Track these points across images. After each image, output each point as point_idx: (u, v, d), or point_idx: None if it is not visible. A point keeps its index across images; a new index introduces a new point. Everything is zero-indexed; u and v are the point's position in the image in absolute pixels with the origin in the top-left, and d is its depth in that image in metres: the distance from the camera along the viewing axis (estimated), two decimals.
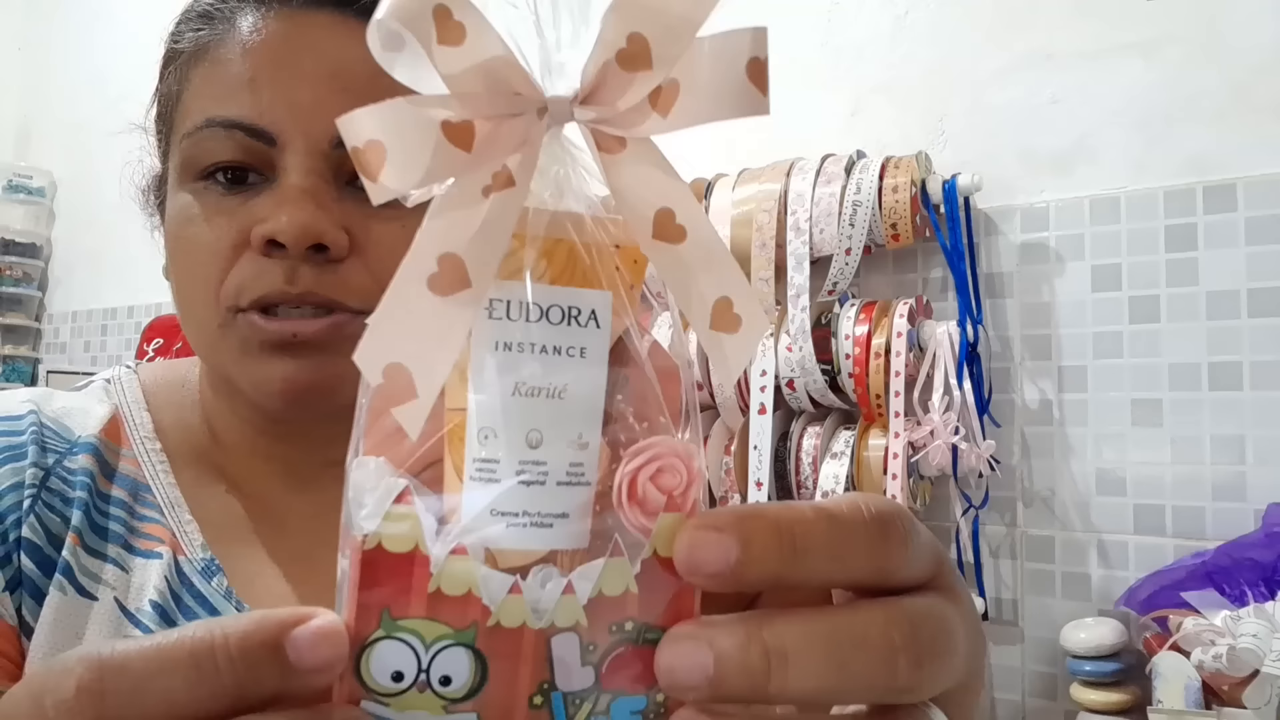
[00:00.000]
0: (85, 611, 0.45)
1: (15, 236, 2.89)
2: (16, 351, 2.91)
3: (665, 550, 0.22)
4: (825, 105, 1.51)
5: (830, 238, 1.28)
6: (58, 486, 0.47)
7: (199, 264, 0.47)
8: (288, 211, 0.44)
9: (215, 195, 0.47)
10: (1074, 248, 1.29)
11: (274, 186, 0.46)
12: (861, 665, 0.21)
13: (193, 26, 0.50)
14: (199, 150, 0.47)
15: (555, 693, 0.21)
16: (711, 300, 0.23)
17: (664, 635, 0.21)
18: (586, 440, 0.22)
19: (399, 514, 0.20)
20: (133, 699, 0.19)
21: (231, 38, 0.47)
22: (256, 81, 0.46)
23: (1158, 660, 1.03)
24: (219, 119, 0.46)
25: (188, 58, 0.49)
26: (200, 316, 0.47)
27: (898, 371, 1.21)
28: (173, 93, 0.50)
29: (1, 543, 0.45)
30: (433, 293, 0.20)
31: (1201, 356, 1.20)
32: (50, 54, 3.03)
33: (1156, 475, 1.22)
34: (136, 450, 0.51)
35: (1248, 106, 1.19)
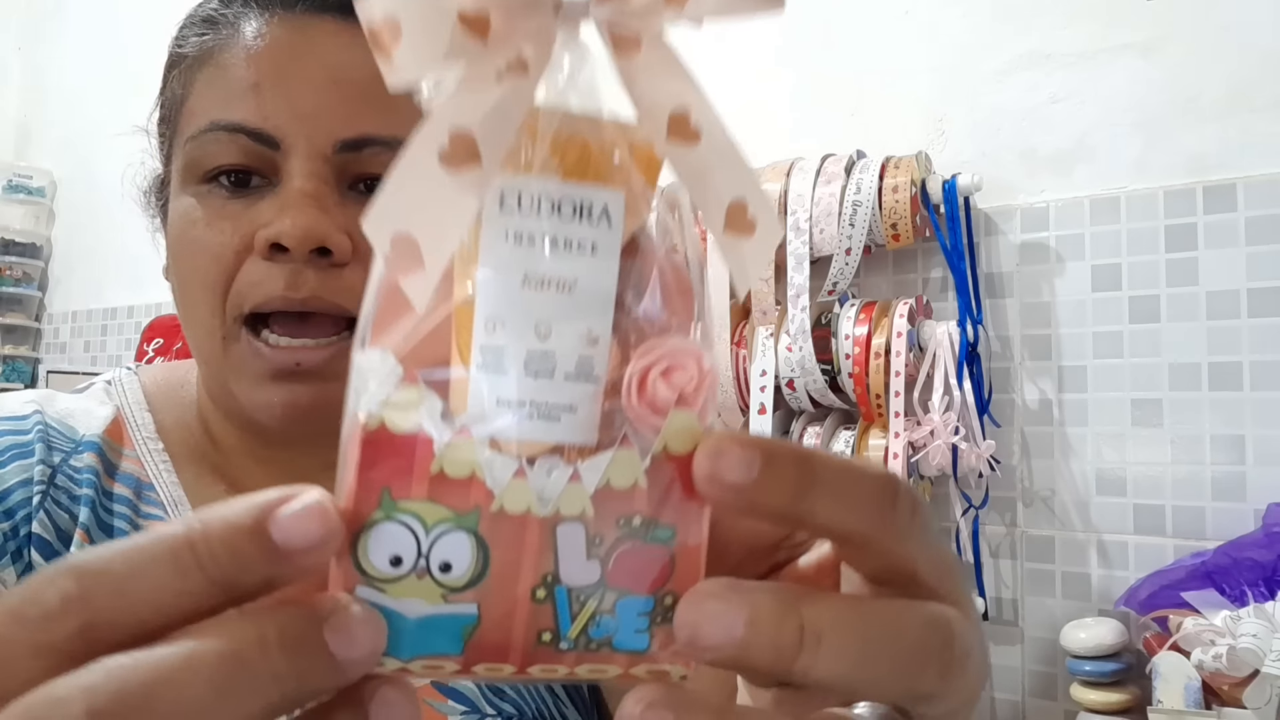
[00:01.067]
0: None
1: (15, 236, 2.89)
2: (16, 351, 2.91)
3: (676, 448, 0.21)
4: (825, 105, 1.51)
5: (830, 238, 1.28)
6: (64, 484, 0.48)
7: (202, 267, 0.47)
8: (291, 215, 0.45)
9: (219, 199, 0.47)
10: (1074, 248, 1.29)
11: (277, 190, 0.46)
12: (890, 662, 0.21)
13: (196, 31, 0.50)
14: (202, 153, 0.47)
15: (559, 586, 0.21)
16: (727, 202, 0.23)
17: (689, 591, 0.21)
18: (596, 335, 0.21)
19: (403, 395, 0.20)
20: (117, 601, 0.18)
21: (235, 43, 0.48)
22: (260, 86, 0.46)
23: (1158, 660, 1.03)
24: (223, 123, 0.46)
25: (191, 62, 0.50)
26: (203, 322, 0.48)
27: (898, 371, 1.21)
28: (176, 97, 0.51)
29: (13, 538, 0.46)
30: (443, 167, 0.20)
31: (1201, 356, 1.20)
32: (50, 54, 3.03)
33: (1156, 475, 1.22)
34: (139, 450, 0.52)
35: (1248, 106, 1.19)
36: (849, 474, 0.22)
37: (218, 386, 0.50)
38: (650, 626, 0.21)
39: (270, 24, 0.48)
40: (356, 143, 0.47)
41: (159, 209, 0.54)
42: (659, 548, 0.21)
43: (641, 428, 0.21)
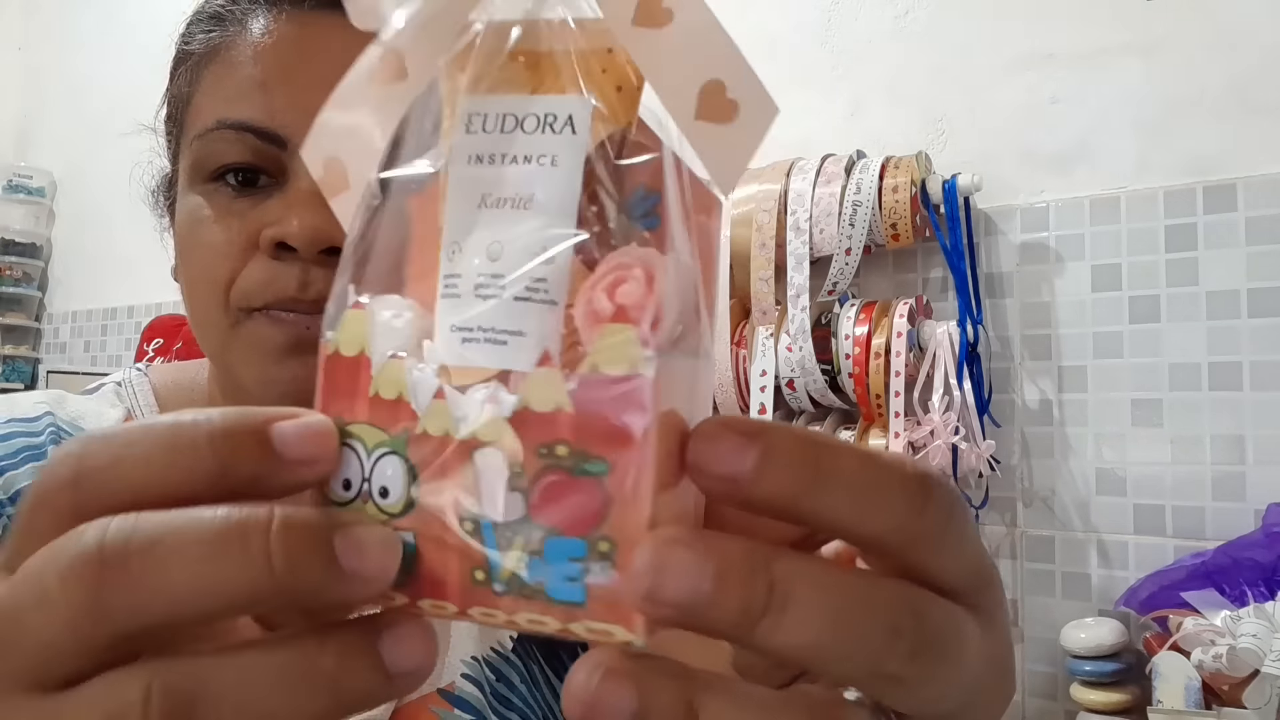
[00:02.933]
0: None
1: (15, 236, 2.89)
2: (16, 351, 2.91)
3: (609, 368, 0.19)
4: (825, 105, 1.51)
5: (830, 238, 1.28)
6: None
7: (209, 265, 0.47)
8: (298, 214, 0.44)
9: (226, 197, 0.47)
10: (1074, 248, 1.29)
11: (284, 189, 0.46)
12: (858, 635, 0.19)
13: (203, 28, 0.50)
14: (209, 152, 0.47)
15: (484, 520, 0.19)
16: (698, 85, 0.20)
17: (651, 534, 0.18)
18: (552, 255, 0.20)
19: (352, 318, 0.20)
20: (111, 467, 0.19)
21: (243, 40, 0.48)
22: (268, 84, 0.46)
23: (1158, 660, 1.03)
24: (230, 121, 0.46)
25: (198, 59, 0.49)
26: (210, 318, 0.48)
27: (898, 371, 1.21)
28: (183, 94, 0.50)
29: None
30: (373, 86, 0.20)
31: (1201, 356, 1.20)
32: (50, 54, 3.03)
33: (1156, 475, 1.22)
34: None
35: (1248, 106, 1.19)
36: (870, 468, 0.19)
37: (229, 381, 0.51)
38: (583, 576, 0.19)
39: (278, 21, 0.47)
40: None
41: (166, 208, 0.54)
42: (590, 482, 0.19)
43: (587, 347, 0.19)
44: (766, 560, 0.18)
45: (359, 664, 0.19)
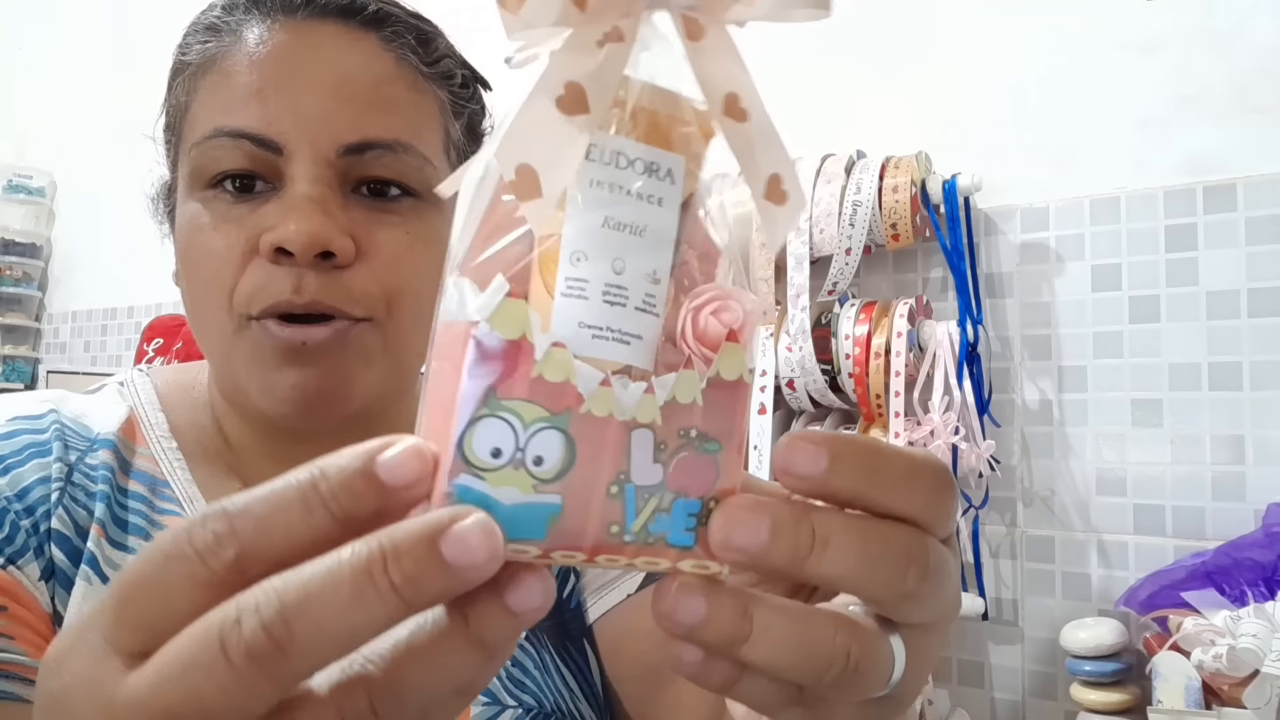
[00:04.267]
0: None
1: (15, 236, 2.89)
2: (16, 351, 2.91)
3: (726, 374, 0.26)
4: (825, 105, 1.51)
5: (830, 237, 1.28)
6: (81, 481, 0.49)
7: (210, 271, 0.48)
8: (295, 220, 0.46)
9: (224, 203, 0.48)
10: (1074, 247, 1.29)
11: (281, 194, 0.47)
12: (883, 565, 0.25)
13: (200, 39, 0.50)
14: (207, 159, 0.48)
15: (629, 484, 0.24)
16: (767, 175, 0.27)
17: (720, 505, 0.25)
18: (659, 276, 0.25)
19: (510, 305, 0.24)
20: (262, 537, 0.22)
21: (238, 49, 0.49)
22: (264, 92, 0.47)
23: (1158, 660, 1.03)
24: (227, 129, 0.47)
25: (195, 69, 0.50)
26: (212, 323, 0.49)
27: (898, 371, 1.21)
28: (181, 104, 0.51)
29: (34, 534, 0.46)
30: (559, 111, 0.24)
31: (1201, 356, 1.20)
32: (50, 54, 3.03)
33: (1156, 475, 1.22)
34: (153, 449, 0.53)
35: (1248, 106, 1.19)
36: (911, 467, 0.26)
37: (230, 384, 0.52)
38: (696, 526, 0.25)
39: (273, 30, 0.49)
40: (359, 146, 0.48)
41: (166, 215, 0.55)
42: (708, 458, 0.25)
43: (696, 356, 0.26)
44: (807, 514, 0.25)
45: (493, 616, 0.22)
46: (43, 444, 0.49)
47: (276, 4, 0.49)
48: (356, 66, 0.49)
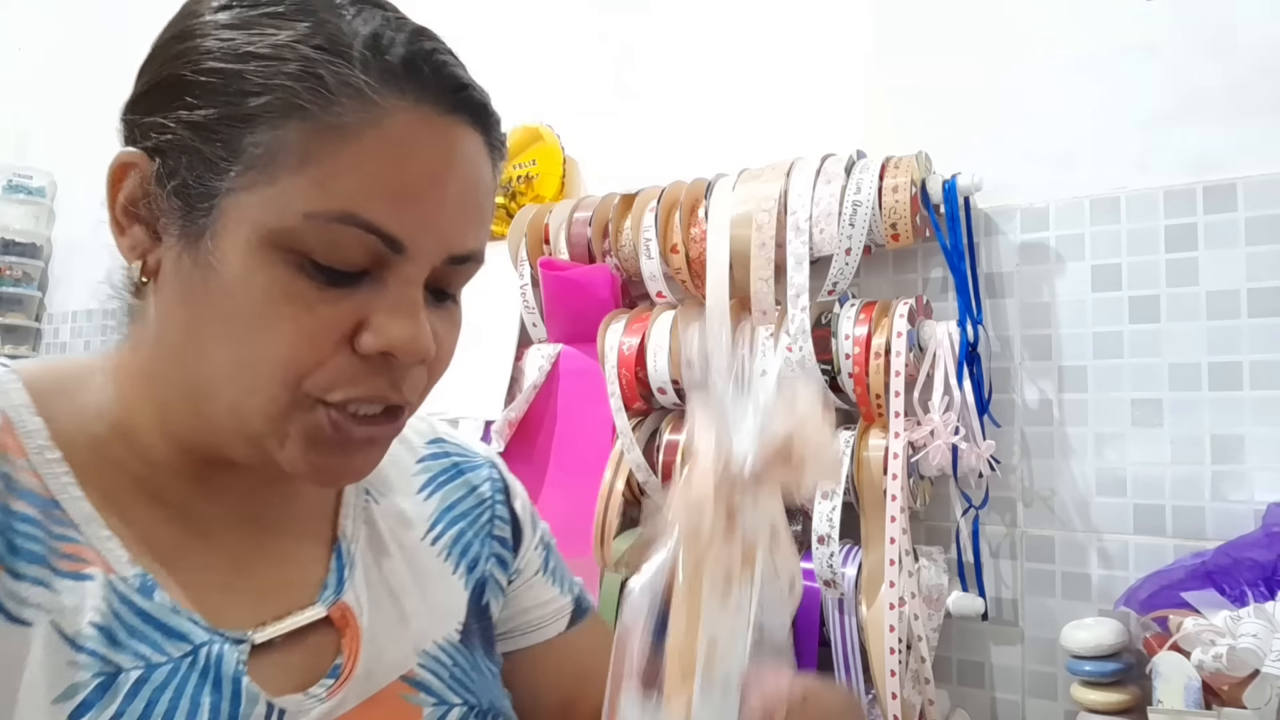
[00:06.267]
0: (22, 638, 0.41)
1: (15, 236, 2.89)
2: (16, 351, 2.91)
3: None
4: (825, 105, 1.51)
5: (830, 237, 1.28)
6: None
7: (285, 347, 0.44)
8: (408, 329, 0.45)
9: (315, 283, 0.44)
10: (1074, 247, 1.29)
11: (381, 287, 0.45)
12: None
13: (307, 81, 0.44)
14: (322, 239, 0.43)
15: None
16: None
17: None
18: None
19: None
20: None
21: (383, 130, 0.44)
22: (410, 195, 0.44)
23: (1158, 660, 1.03)
24: (362, 220, 0.43)
25: (319, 121, 0.44)
26: (265, 391, 0.45)
27: (898, 371, 1.21)
28: (275, 142, 0.44)
29: None
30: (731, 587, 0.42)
31: (1201, 356, 1.20)
32: (50, 54, 3.03)
33: (1156, 475, 1.22)
34: (33, 461, 0.45)
35: (1248, 106, 1.19)
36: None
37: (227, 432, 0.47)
38: None
39: (418, 122, 0.45)
40: (462, 258, 0.48)
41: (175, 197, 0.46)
42: None
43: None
44: None
45: None
46: None
47: (430, 93, 0.45)
48: (478, 176, 0.48)
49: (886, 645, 1.17)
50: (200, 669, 0.45)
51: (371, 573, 0.56)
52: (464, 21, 1.99)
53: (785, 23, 1.56)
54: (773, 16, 1.57)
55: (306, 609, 0.51)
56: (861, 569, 1.23)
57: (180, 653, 0.45)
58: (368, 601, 0.54)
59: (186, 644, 0.45)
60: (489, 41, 1.94)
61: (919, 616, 1.22)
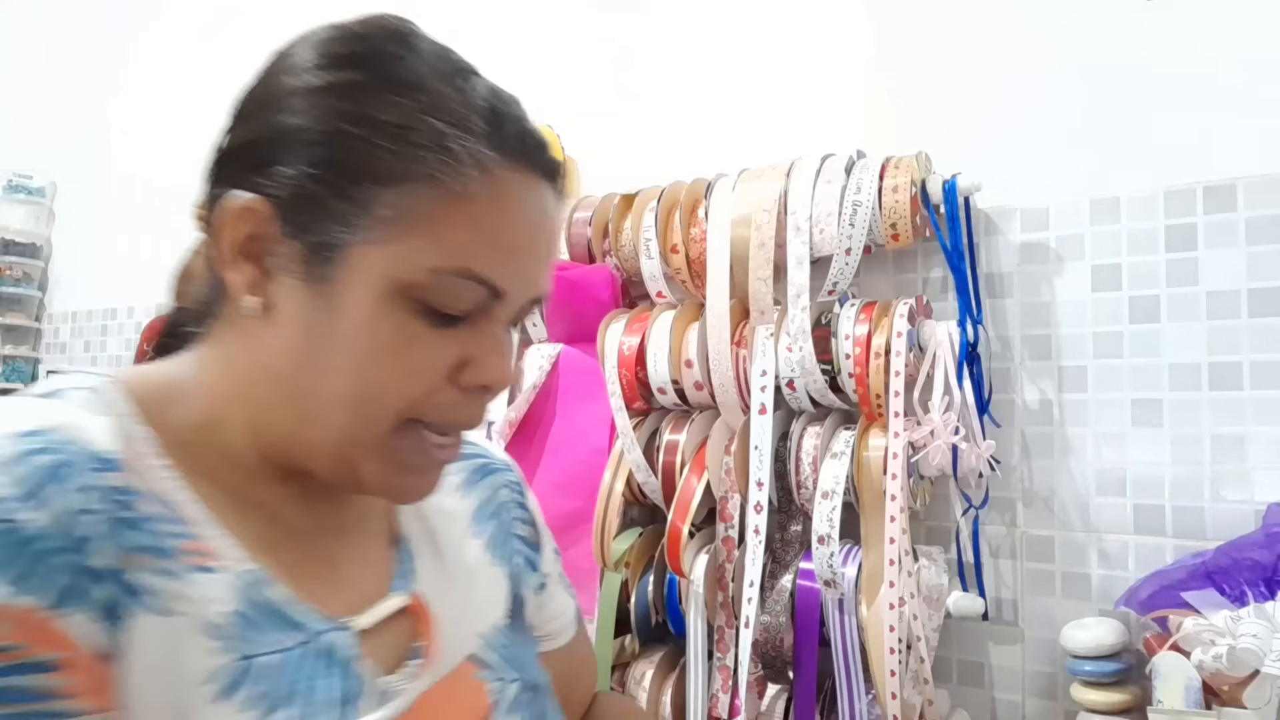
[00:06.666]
0: (166, 629, 0.45)
1: (15, 236, 2.89)
2: (16, 351, 2.91)
3: None
4: (825, 105, 1.51)
5: (830, 237, 1.28)
6: (108, 506, 0.45)
7: (402, 381, 0.50)
8: (504, 367, 0.53)
9: (428, 324, 0.50)
10: (1074, 248, 1.29)
11: (479, 327, 0.52)
12: None
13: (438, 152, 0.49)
14: (444, 290, 0.49)
15: None
16: None
17: None
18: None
19: None
20: None
21: (488, 192, 0.50)
22: (513, 251, 0.51)
23: (1158, 660, 1.03)
24: (474, 274, 0.49)
25: (433, 185, 0.49)
26: (373, 421, 0.51)
27: (898, 371, 1.21)
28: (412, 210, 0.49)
29: (81, 570, 0.43)
30: None
31: (1201, 356, 1.20)
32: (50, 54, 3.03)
33: (1156, 475, 1.22)
34: (144, 465, 0.49)
35: (1248, 106, 1.19)
36: None
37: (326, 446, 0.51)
38: None
39: (520, 185, 0.51)
40: (538, 299, 0.55)
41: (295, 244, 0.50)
42: None
43: None
44: None
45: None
46: (61, 466, 0.43)
47: (528, 158, 0.52)
48: (556, 226, 0.55)
49: (886, 645, 1.17)
50: (317, 654, 0.50)
51: (432, 566, 0.62)
52: (464, 22, 1.99)
53: (785, 23, 1.57)
54: (772, 17, 1.58)
55: (388, 599, 0.57)
56: (861, 569, 1.23)
57: (299, 640, 0.50)
58: (433, 591, 0.60)
59: (303, 632, 0.50)
60: (489, 41, 1.94)
61: (919, 616, 1.22)
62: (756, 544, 1.25)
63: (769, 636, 1.29)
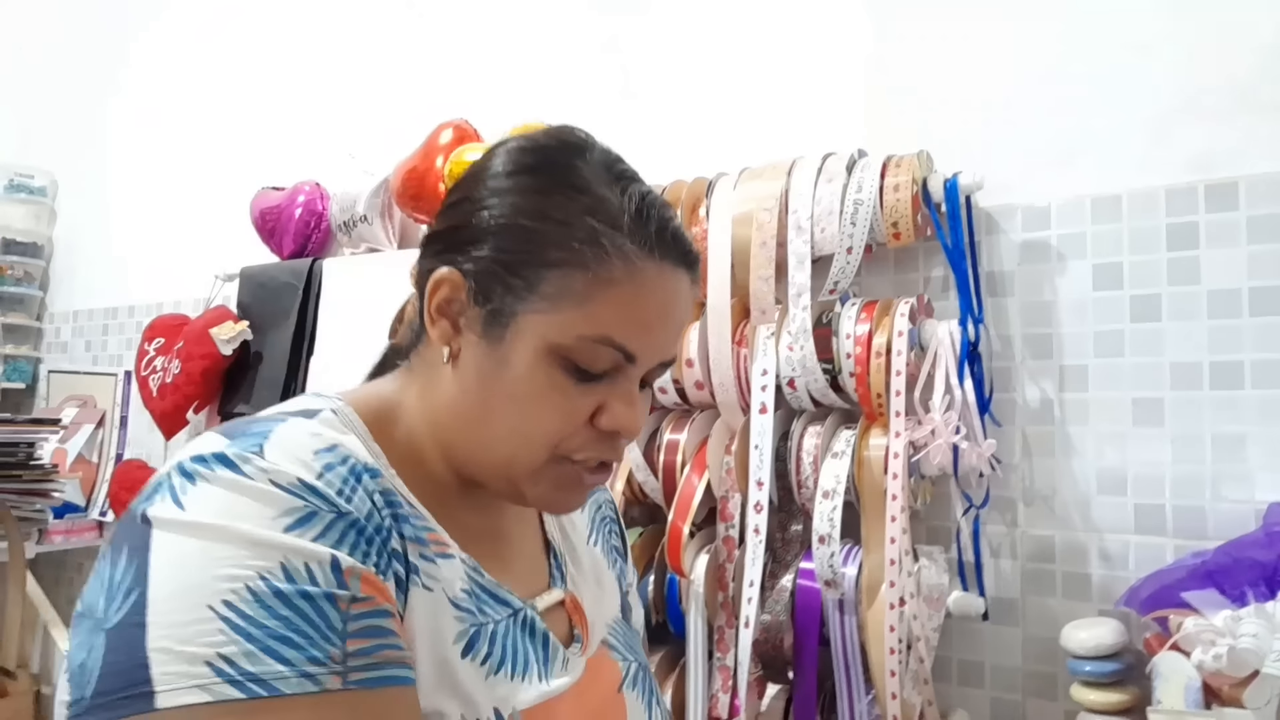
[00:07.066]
0: (430, 600, 0.59)
1: (16, 236, 2.89)
2: (17, 351, 2.91)
3: None
4: (826, 104, 1.51)
5: (831, 236, 1.28)
6: (388, 504, 0.59)
7: (551, 424, 0.62)
8: (632, 414, 0.63)
9: (571, 379, 0.62)
10: (1075, 246, 1.29)
11: (613, 383, 0.63)
12: None
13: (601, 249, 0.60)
14: (586, 352, 0.61)
15: None
16: None
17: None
18: None
19: None
20: None
21: (636, 279, 0.61)
22: (648, 326, 0.62)
23: (1158, 660, 1.03)
24: (615, 342, 0.61)
25: (593, 274, 0.60)
26: (530, 453, 0.63)
27: (899, 371, 1.21)
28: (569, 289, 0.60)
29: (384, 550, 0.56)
30: None
31: (1203, 355, 1.20)
32: (50, 54, 3.03)
33: (1157, 475, 1.22)
34: (385, 473, 0.62)
35: (1249, 105, 1.19)
36: None
37: (494, 474, 0.65)
38: None
39: (650, 271, 0.61)
40: (667, 363, 0.66)
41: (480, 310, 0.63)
42: None
43: None
44: None
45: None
46: (355, 472, 0.57)
47: (669, 254, 0.62)
48: (687, 308, 0.65)
49: (886, 645, 1.17)
50: (522, 625, 0.65)
51: (574, 567, 0.77)
52: (465, 22, 1.99)
53: (785, 22, 1.56)
54: (773, 16, 1.57)
55: (551, 591, 0.72)
56: (862, 569, 1.23)
57: (507, 614, 0.64)
58: (578, 588, 0.75)
59: (509, 608, 0.65)
60: (490, 41, 1.94)
61: (919, 616, 1.22)
62: (757, 544, 1.25)
63: (769, 636, 1.29)
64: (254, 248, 2.15)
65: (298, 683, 0.47)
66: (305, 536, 0.51)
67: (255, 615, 0.48)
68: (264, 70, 2.36)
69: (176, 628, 0.47)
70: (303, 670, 0.48)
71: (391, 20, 2.12)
